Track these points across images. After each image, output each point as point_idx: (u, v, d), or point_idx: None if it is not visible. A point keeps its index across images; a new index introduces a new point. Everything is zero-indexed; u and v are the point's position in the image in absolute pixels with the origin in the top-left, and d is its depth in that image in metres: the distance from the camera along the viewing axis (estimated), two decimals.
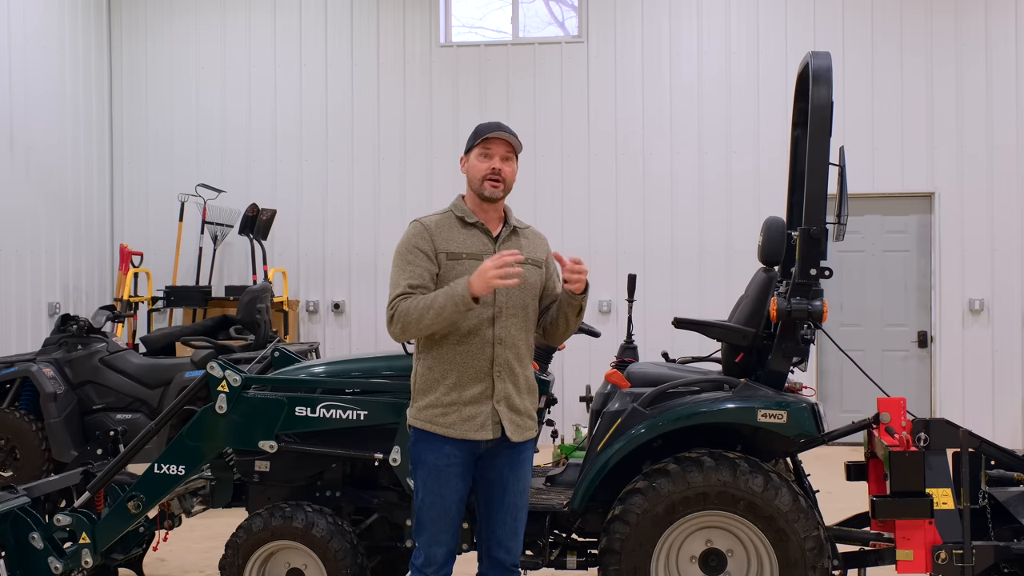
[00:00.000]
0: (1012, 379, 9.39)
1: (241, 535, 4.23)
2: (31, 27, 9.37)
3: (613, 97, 9.99)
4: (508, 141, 3.50)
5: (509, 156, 3.52)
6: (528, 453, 3.58)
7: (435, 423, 3.44)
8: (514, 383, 3.47)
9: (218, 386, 4.31)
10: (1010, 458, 4.30)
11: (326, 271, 10.35)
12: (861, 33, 9.65)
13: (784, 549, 3.95)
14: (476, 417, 3.42)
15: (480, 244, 3.50)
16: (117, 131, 10.71)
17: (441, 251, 3.45)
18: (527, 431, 3.53)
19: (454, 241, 3.47)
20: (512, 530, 3.55)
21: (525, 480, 3.57)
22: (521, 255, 3.29)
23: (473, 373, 3.42)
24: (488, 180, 3.48)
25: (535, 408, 3.60)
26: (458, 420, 3.42)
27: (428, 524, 3.47)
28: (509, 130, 3.51)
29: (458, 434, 3.41)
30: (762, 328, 4.38)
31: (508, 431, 3.44)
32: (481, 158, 3.49)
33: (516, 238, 3.58)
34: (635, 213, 9.90)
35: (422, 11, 10.29)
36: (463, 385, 3.42)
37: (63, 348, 7.48)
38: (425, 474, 3.46)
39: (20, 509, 4.37)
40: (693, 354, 5.51)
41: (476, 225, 3.52)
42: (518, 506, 3.55)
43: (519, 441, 3.50)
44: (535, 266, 3.56)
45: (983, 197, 9.47)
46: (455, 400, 3.42)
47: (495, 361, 3.43)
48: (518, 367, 3.49)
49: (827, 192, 4.14)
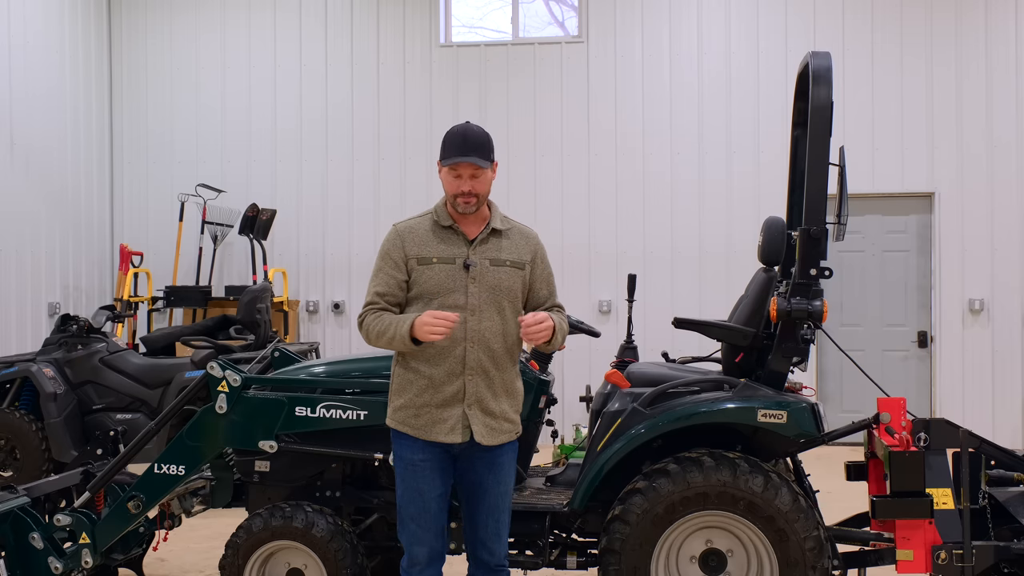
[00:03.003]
0: (1012, 379, 9.39)
1: (241, 535, 4.23)
2: (31, 27, 9.37)
3: (613, 97, 9.99)
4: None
5: (478, 173, 3.47)
6: (508, 455, 3.58)
7: (407, 424, 3.49)
8: (488, 385, 3.48)
9: (218, 386, 4.31)
10: (1010, 458, 4.30)
11: (326, 271, 10.35)
12: (861, 33, 9.65)
13: (784, 549, 3.95)
14: (447, 420, 3.45)
15: (454, 248, 3.51)
16: (117, 131, 10.71)
17: (412, 256, 3.50)
18: (502, 434, 3.53)
19: (427, 245, 3.51)
20: (494, 532, 3.57)
21: (506, 482, 3.58)
22: (455, 320, 3.32)
23: (444, 375, 3.44)
24: (460, 199, 3.48)
25: (516, 411, 3.59)
26: (429, 422, 3.46)
27: (408, 521, 3.51)
28: (476, 146, 3.46)
29: (429, 436, 3.46)
30: (762, 328, 4.38)
31: (478, 435, 3.45)
32: (451, 177, 3.48)
33: (497, 239, 3.56)
34: (635, 213, 9.89)
35: (422, 11, 10.29)
36: (434, 387, 3.46)
37: (63, 348, 7.48)
38: (403, 470, 3.52)
39: (20, 509, 4.37)
40: (693, 354, 5.50)
41: (452, 228, 3.54)
42: (499, 508, 3.57)
43: (492, 445, 3.49)
44: (515, 268, 3.55)
45: (983, 197, 9.47)
46: (427, 402, 3.46)
47: (467, 363, 3.44)
48: (493, 369, 3.48)
49: (827, 192, 4.14)
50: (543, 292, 3.65)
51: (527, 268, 3.59)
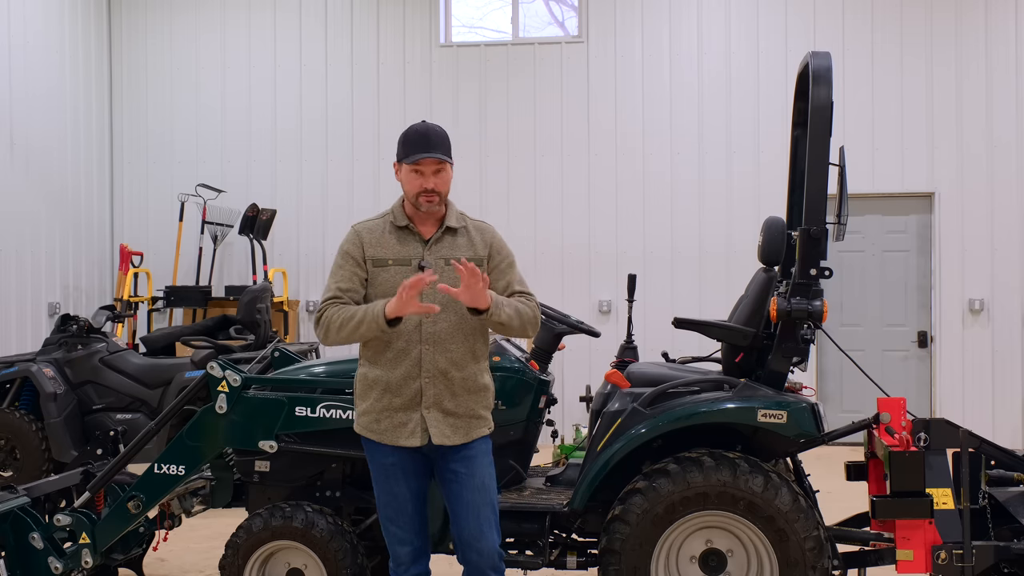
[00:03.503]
0: (1012, 379, 9.39)
1: (241, 535, 4.23)
2: (31, 27, 9.37)
3: (613, 97, 9.99)
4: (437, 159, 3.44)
5: (440, 168, 3.46)
6: (480, 448, 3.51)
7: (370, 430, 3.50)
8: (447, 386, 3.43)
9: (218, 386, 4.31)
10: (1010, 458, 4.30)
11: (326, 271, 10.21)
12: (861, 33, 9.65)
13: (784, 549, 3.95)
14: (407, 424, 3.43)
15: (409, 249, 3.49)
16: (117, 131, 10.71)
17: (369, 257, 3.48)
18: (472, 431, 3.48)
19: (383, 247, 3.49)
20: (476, 529, 3.45)
21: (480, 475, 3.48)
22: (434, 276, 3.24)
23: (400, 378, 3.42)
24: (423, 197, 3.45)
25: (484, 406, 3.53)
26: (389, 427, 3.45)
27: (386, 523, 3.53)
28: (437, 143, 3.45)
29: (390, 440, 3.45)
30: (762, 328, 4.38)
31: (436, 438, 3.41)
32: (413, 175, 3.46)
33: (452, 238, 3.53)
34: (635, 213, 9.89)
35: (422, 11, 10.29)
36: (392, 390, 3.44)
37: (63, 348, 7.48)
38: (376, 473, 3.53)
39: (20, 509, 4.37)
40: (693, 354, 5.50)
41: (408, 228, 3.51)
42: (477, 504, 3.46)
43: (455, 444, 3.44)
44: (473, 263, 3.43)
45: (983, 197, 9.47)
46: (386, 406, 3.45)
47: (423, 365, 3.41)
48: (453, 370, 3.43)
49: (827, 192, 4.14)
50: (501, 282, 3.53)
51: (484, 264, 3.53)
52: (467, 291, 3.26)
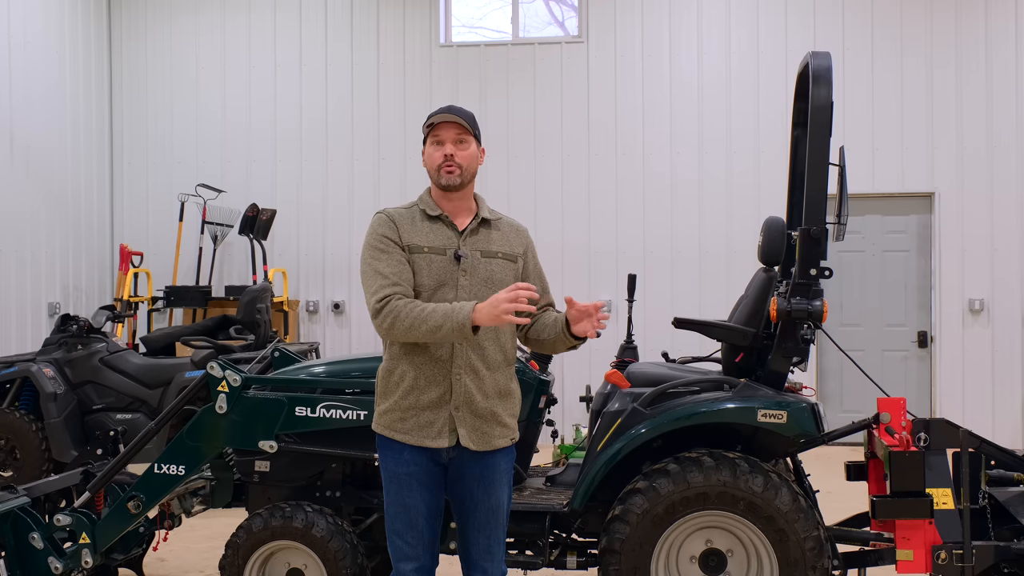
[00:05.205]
0: (1012, 379, 9.39)
1: (241, 535, 4.23)
2: (31, 27, 9.37)
3: (613, 97, 9.99)
4: (457, 123, 3.25)
5: (463, 139, 3.26)
6: (502, 465, 3.31)
7: (393, 428, 3.24)
8: (478, 387, 3.21)
9: (218, 386, 4.31)
10: (1010, 458, 4.30)
11: (326, 271, 10.35)
12: (861, 33, 9.65)
13: (784, 549, 3.95)
14: (434, 423, 3.20)
15: (444, 238, 3.26)
16: (117, 131, 10.71)
17: (405, 243, 3.24)
18: (496, 439, 3.26)
19: (417, 234, 3.26)
20: (485, 550, 3.31)
21: (497, 496, 3.30)
22: (536, 290, 3.06)
23: (431, 374, 3.19)
24: (443, 168, 3.24)
25: (511, 415, 3.32)
26: (415, 426, 3.21)
27: (393, 536, 3.27)
28: (460, 111, 3.28)
29: (415, 441, 3.20)
30: (762, 328, 4.38)
31: (464, 439, 3.20)
32: (434, 146, 3.27)
33: (487, 230, 3.33)
34: (635, 213, 9.90)
35: (422, 11, 10.29)
36: (420, 388, 3.20)
37: (63, 348, 7.48)
38: (387, 481, 3.28)
39: (20, 509, 4.37)
40: (693, 354, 5.50)
41: (440, 218, 3.30)
42: (490, 524, 3.30)
43: (482, 451, 3.24)
44: (507, 260, 3.32)
45: (983, 197, 9.47)
46: (413, 404, 3.21)
47: (455, 362, 3.19)
48: (484, 369, 3.23)
49: (827, 192, 4.15)
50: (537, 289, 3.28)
51: (519, 261, 3.36)
52: (588, 322, 3.16)
